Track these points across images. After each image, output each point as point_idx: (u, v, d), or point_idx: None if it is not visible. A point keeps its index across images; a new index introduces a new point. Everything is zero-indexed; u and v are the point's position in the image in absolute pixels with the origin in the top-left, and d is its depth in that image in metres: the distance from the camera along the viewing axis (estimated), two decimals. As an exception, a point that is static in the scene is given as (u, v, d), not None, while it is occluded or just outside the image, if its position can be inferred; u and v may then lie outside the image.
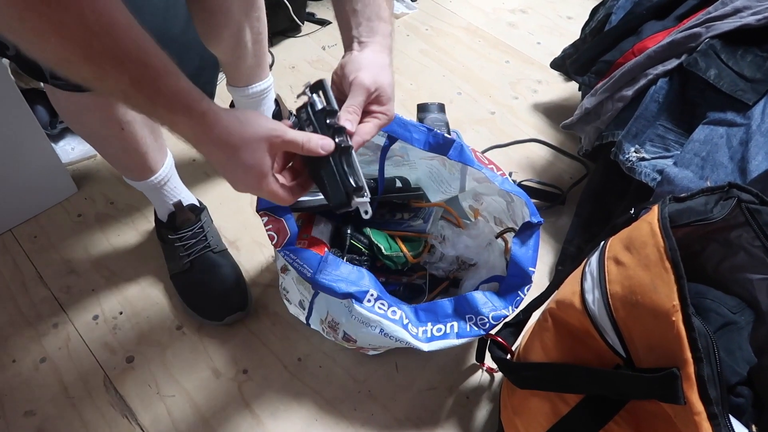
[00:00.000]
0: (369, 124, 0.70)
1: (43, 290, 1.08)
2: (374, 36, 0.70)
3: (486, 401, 0.95)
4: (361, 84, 0.67)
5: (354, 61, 0.68)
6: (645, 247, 0.64)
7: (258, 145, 0.61)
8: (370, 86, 0.67)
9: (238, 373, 0.98)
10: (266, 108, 1.22)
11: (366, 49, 0.69)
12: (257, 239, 1.16)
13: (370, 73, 0.67)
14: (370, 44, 0.69)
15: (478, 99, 1.49)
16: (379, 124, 0.70)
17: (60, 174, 1.20)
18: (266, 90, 1.18)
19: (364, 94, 0.67)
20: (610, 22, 1.19)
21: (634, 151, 0.95)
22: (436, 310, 0.84)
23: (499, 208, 1.01)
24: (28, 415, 0.93)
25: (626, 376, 0.63)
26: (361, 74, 0.67)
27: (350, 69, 0.68)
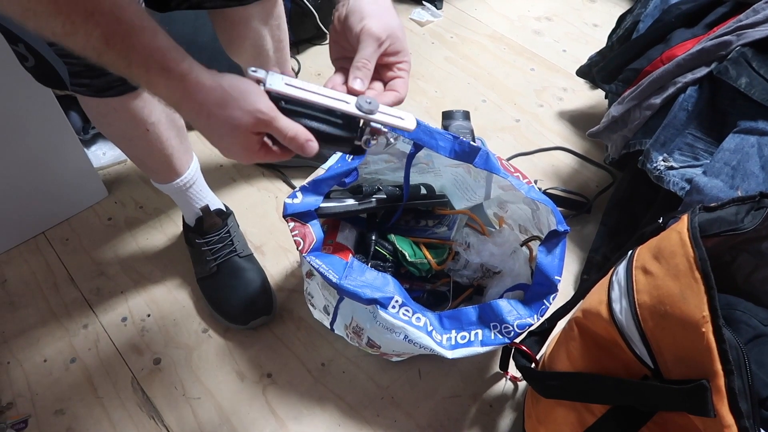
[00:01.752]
0: (401, 79, 0.63)
1: (74, 291, 1.11)
2: None
3: (509, 410, 0.95)
4: (370, 33, 0.59)
5: (355, 9, 0.60)
6: (674, 257, 0.63)
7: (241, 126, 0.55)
8: (381, 35, 0.59)
9: (262, 377, 0.99)
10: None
11: None
12: (282, 244, 1.17)
13: (379, 20, 0.60)
14: None
15: (503, 106, 1.48)
16: (407, 74, 0.64)
17: (92, 178, 1.22)
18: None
19: (375, 44, 0.59)
20: (637, 30, 1.18)
21: (662, 160, 0.94)
22: (460, 317, 0.84)
23: (524, 216, 1.01)
24: (58, 414, 0.95)
25: (654, 387, 0.62)
26: (368, 22, 0.59)
27: (353, 20, 0.60)
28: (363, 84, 0.59)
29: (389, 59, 0.63)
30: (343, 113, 0.59)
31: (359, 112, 0.59)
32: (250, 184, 1.29)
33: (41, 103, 1.05)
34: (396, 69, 0.63)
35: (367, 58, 0.59)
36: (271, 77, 0.58)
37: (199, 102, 0.54)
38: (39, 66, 0.77)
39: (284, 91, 0.58)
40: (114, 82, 0.79)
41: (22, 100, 1.02)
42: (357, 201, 0.98)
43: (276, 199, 1.26)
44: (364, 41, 0.59)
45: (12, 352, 1.02)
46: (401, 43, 0.62)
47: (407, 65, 0.64)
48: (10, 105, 1.01)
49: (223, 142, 0.57)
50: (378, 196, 1.00)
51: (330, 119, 0.60)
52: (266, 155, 0.59)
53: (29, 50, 0.76)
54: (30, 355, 1.02)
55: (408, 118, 0.61)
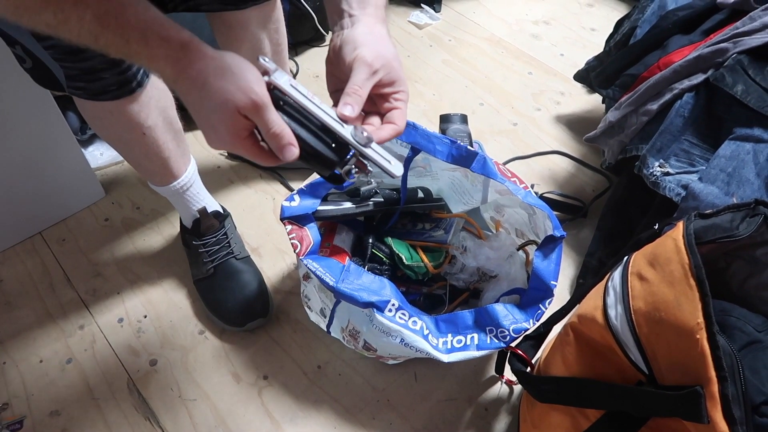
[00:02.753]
0: (398, 110, 0.61)
1: (70, 292, 1.11)
2: (366, 7, 0.62)
3: (505, 414, 0.95)
4: (363, 61, 0.58)
5: (349, 40, 0.60)
6: (669, 264, 0.64)
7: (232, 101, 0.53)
8: (374, 62, 0.58)
9: (258, 379, 0.99)
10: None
11: (359, 24, 0.61)
12: (279, 246, 1.17)
13: (372, 49, 0.59)
14: (363, 17, 0.61)
15: (500, 110, 1.49)
16: (405, 105, 0.62)
17: (89, 178, 1.22)
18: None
19: (367, 71, 0.58)
20: (635, 35, 1.18)
21: (658, 166, 0.94)
22: (456, 321, 0.85)
23: (520, 221, 1.01)
24: (54, 415, 0.95)
25: (649, 393, 0.63)
26: (361, 51, 0.58)
27: (347, 49, 0.59)
28: (353, 110, 0.57)
29: (385, 90, 0.61)
30: (338, 135, 0.58)
31: (353, 140, 0.58)
32: (247, 186, 1.29)
33: (39, 103, 1.05)
34: (393, 100, 0.61)
35: (358, 85, 0.58)
36: (278, 73, 0.57)
37: (197, 70, 0.53)
38: (36, 68, 0.77)
39: (287, 90, 0.57)
40: (109, 87, 0.79)
41: (19, 100, 1.02)
42: (354, 204, 0.98)
43: (273, 201, 1.26)
44: (356, 69, 0.58)
45: (8, 353, 1.02)
46: (397, 73, 0.61)
47: (404, 95, 0.62)
48: (7, 105, 1.01)
49: (211, 120, 0.55)
50: (375, 200, 1.00)
51: (321, 136, 0.58)
52: (251, 148, 0.57)
53: (26, 52, 0.76)
54: (26, 355, 1.02)
55: (395, 165, 0.60)
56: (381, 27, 0.62)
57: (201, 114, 0.55)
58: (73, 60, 0.73)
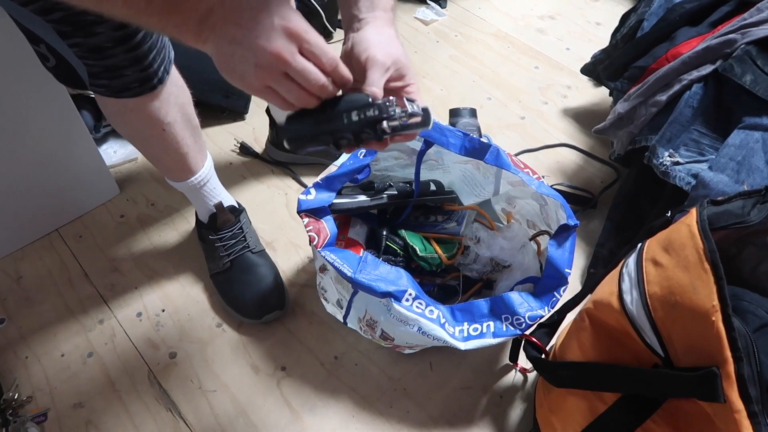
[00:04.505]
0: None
1: (89, 288, 1.12)
2: (374, 10, 0.66)
3: (519, 401, 0.97)
4: (374, 60, 0.62)
5: (360, 41, 0.64)
6: (684, 249, 0.65)
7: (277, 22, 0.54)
8: (385, 61, 0.62)
9: (276, 370, 1.01)
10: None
11: (368, 26, 0.65)
12: (293, 240, 1.19)
13: (381, 49, 0.63)
14: (371, 20, 0.65)
15: (508, 104, 1.50)
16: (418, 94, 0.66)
17: (104, 176, 1.24)
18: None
19: (381, 69, 0.62)
20: (642, 28, 1.20)
21: (668, 156, 0.96)
22: (472, 310, 0.86)
23: (532, 212, 1.03)
24: (77, 408, 0.97)
25: (665, 375, 0.64)
26: (372, 51, 0.62)
27: (358, 50, 0.63)
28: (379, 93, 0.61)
29: (396, 84, 0.65)
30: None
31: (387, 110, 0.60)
32: (260, 182, 1.31)
33: (55, 102, 1.07)
34: (404, 92, 0.65)
35: (374, 81, 0.61)
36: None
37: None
38: (60, 66, 0.79)
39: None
40: (131, 84, 0.81)
41: (36, 99, 1.04)
42: (369, 197, 1.00)
43: (286, 196, 1.28)
44: (370, 68, 0.62)
45: (30, 347, 1.04)
46: (406, 68, 0.65)
47: (415, 87, 0.66)
48: (25, 104, 1.02)
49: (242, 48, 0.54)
50: (389, 192, 1.02)
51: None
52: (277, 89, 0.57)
53: (50, 51, 0.77)
54: (47, 350, 1.04)
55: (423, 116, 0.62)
56: (389, 29, 0.66)
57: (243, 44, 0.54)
58: (96, 58, 0.75)
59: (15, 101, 1.01)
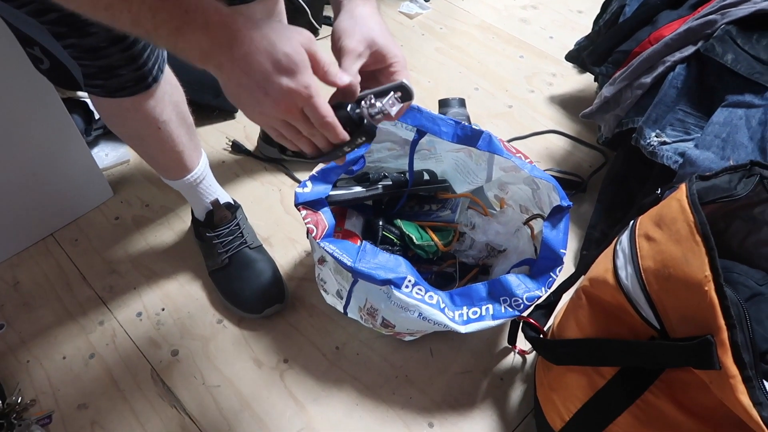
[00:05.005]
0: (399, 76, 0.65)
1: (87, 290, 1.13)
2: None
3: (519, 382, 0.99)
4: (345, 50, 0.62)
5: (335, 30, 0.64)
6: (675, 223, 0.67)
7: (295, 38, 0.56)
8: (356, 47, 0.63)
9: (279, 363, 1.02)
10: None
11: (343, 12, 0.65)
12: (289, 235, 1.20)
13: (354, 36, 0.63)
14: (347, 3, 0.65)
15: (495, 94, 1.52)
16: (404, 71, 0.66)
17: (97, 179, 1.24)
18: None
19: (352, 58, 0.62)
20: (624, 13, 1.22)
21: (655, 136, 0.98)
22: (471, 294, 0.88)
23: (524, 196, 1.04)
24: (82, 408, 0.97)
25: (662, 346, 0.66)
26: (344, 40, 0.63)
27: (334, 40, 0.64)
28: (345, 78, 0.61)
29: (381, 65, 0.65)
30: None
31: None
32: (253, 179, 1.32)
33: (47, 106, 1.06)
34: (390, 72, 0.65)
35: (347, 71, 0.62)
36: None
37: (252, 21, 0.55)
38: (54, 68, 0.79)
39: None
40: (127, 83, 0.81)
41: (27, 102, 1.03)
42: (364, 188, 1.01)
43: (280, 192, 1.29)
44: (342, 58, 0.63)
45: (30, 352, 1.04)
46: (387, 47, 0.64)
47: (400, 65, 0.65)
48: (16, 108, 1.02)
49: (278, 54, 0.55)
50: (384, 183, 1.03)
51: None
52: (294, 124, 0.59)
53: (44, 53, 0.78)
54: (49, 353, 1.04)
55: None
56: (363, 7, 0.65)
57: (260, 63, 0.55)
58: (91, 58, 0.76)
59: (6, 106, 1.01)
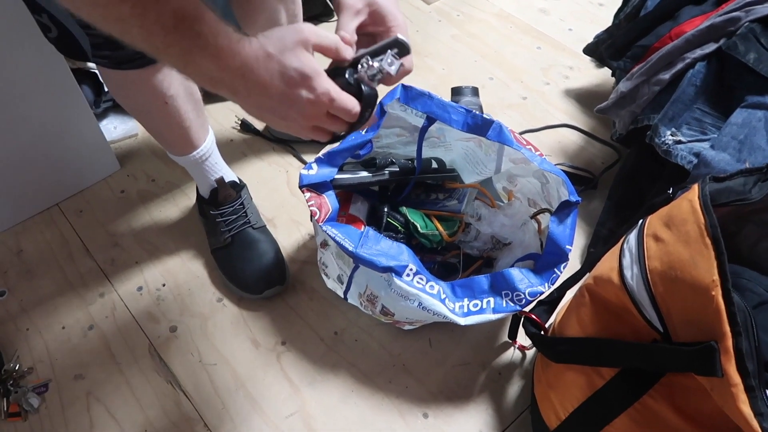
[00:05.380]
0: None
1: (90, 262, 1.13)
2: None
3: (518, 377, 0.97)
4: (343, 5, 0.61)
5: None
6: (685, 224, 0.65)
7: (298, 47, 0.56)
8: (354, 4, 0.61)
9: (276, 344, 1.01)
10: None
11: None
12: (294, 217, 1.19)
13: None
14: None
15: (509, 84, 1.49)
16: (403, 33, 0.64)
17: (104, 151, 1.24)
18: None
19: (350, 14, 0.61)
20: (645, 7, 1.19)
21: (670, 135, 0.96)
22: (472, 286, 0.87)
23: (533, 190, 1.03)
24: (78, 379, 0.97)
25: (664, 349, 0.65)
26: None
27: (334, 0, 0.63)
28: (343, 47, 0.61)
29: (379, 28, 0.64)
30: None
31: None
32: (260, 159, 1.31)
33: (56, 75, 1.06)
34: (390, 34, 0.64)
35: (343, 27, 0.61)
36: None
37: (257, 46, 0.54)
38: (62, 37, 0.78)
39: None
40: (134, 55, 0.80)
41: (37, 72, 1.03)
42: (371, 173, 1.00)
43: (287, 174, 1.28)
44: (340, 13, 0.61)
45: (30, 320, 1.04)
46: (386, 8, 0.63)
47: (399, 28, 0.63)
48: (25, 77, 1.02)
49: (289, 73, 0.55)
50: (391, 169, 1.02)
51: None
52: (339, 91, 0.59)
53: (53, 21, 0.77)
54: (48, 322, 1.04)
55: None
56: None
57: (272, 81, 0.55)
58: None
59: (15, 74, 1.00)
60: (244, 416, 0.93)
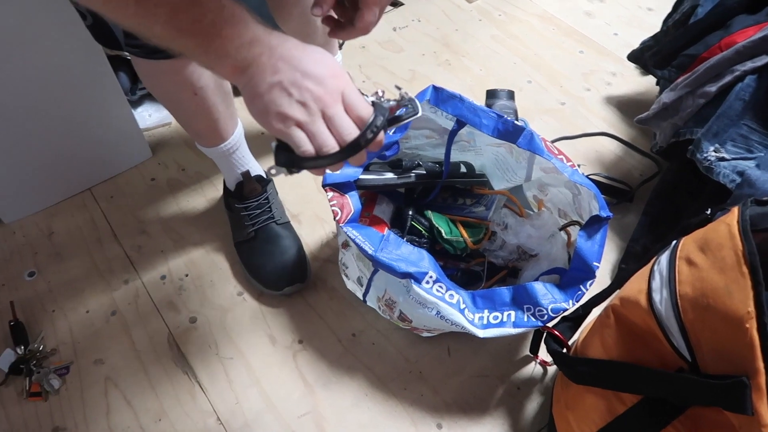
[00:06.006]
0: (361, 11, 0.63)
1: (117, 248, 1.14)
2: None
3: (537, 394, 0.95)
4: None
5: None
6: (721, 249, 0.62)
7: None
8: None
9: (293, 342, 1.01)
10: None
11: None
12: (319, 214, 1.18)
13: None
14: None
15: (548, 88, 1.45)
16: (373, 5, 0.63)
17: (137, 138, 1.25)
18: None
19: None
20: (696, 14, 1.13)
21: (713, 151, 0.91)
22: (494, 297, 0.84)
23: (564, 201, 0.99)
24: (98, 363, 0.99)
25: (690, 381, 0.61)
26: None
27: None
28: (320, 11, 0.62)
29: None
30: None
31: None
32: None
33: (93, 62, 1.07)
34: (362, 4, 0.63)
35: None
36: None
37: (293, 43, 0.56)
38: (96, 25, 0.79)
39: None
40: None
41: (75, 58, 1.04)
42: (396, 175, 0.98)
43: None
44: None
45: (57, 302, 1.06)
46: None
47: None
48: (63, 63, 1.03)
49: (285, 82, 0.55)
50: (417, 172, 1.00)
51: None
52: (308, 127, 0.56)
53: (88, 9, 0.77)
54: (73, 305, 1.06)
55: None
56: None
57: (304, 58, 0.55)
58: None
59: (53, 59, 1.02)
60: (256, 413, 0.93)
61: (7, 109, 1.03)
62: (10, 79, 1.00)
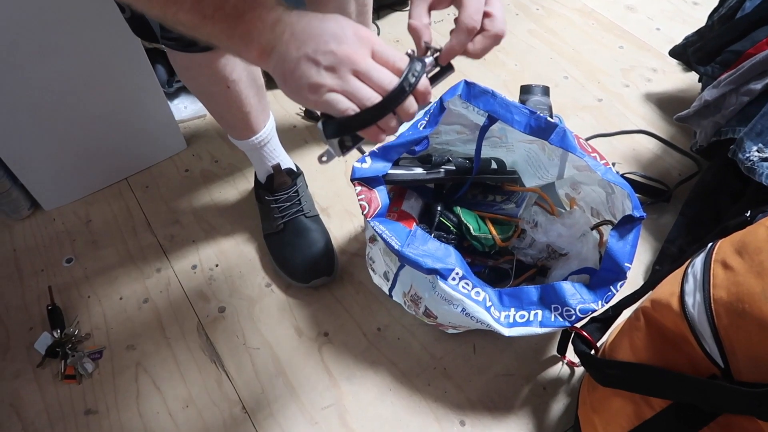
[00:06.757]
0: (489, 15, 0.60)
1: (150, 237, 1.17)
2: None
3: (563, 395, 0.93)
4: None
5: None
6: (760, 254, 0.59)
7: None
8: None
9: (319, 335, 1.01)
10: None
11: None
12: (348, 208, 1.18)
13: None
14: None
15: (585, 84, 1.42)
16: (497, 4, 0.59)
17: (173, 130, 1.27)
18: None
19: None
20: (743, 8, 1.09)
21: (756, 151, 0.87)
22: (521, 296, 0.83)
23: (597, 199, 0.97)
24: (130, 349, 1.01)
25: (723, 388, 0.59)
26: None
27: None
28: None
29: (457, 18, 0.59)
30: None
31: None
32: (321, 147, 1.31)
33: (131, 54, 1.09)
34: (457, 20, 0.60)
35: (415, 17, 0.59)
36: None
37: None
38: (134, 18, 0.81)
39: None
40: None
41: (114, 51, 1.07)
42: (425, 170, 0.97)
43: (345, 163, 1.27)
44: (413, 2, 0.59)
45: (92, 288, 1.09)
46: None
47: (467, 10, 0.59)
48: (103, 55, 1.06)
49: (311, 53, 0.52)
50: (447, 167, 0.99)
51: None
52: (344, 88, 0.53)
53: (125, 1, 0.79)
54: (108, 292, 1.09)
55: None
56: None
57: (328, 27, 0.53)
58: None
59: (92, 51, 1.04)
60: (281, 403, 0.94)
61: (49, 102, 1.06)
62: (53, 72, 1.03)
